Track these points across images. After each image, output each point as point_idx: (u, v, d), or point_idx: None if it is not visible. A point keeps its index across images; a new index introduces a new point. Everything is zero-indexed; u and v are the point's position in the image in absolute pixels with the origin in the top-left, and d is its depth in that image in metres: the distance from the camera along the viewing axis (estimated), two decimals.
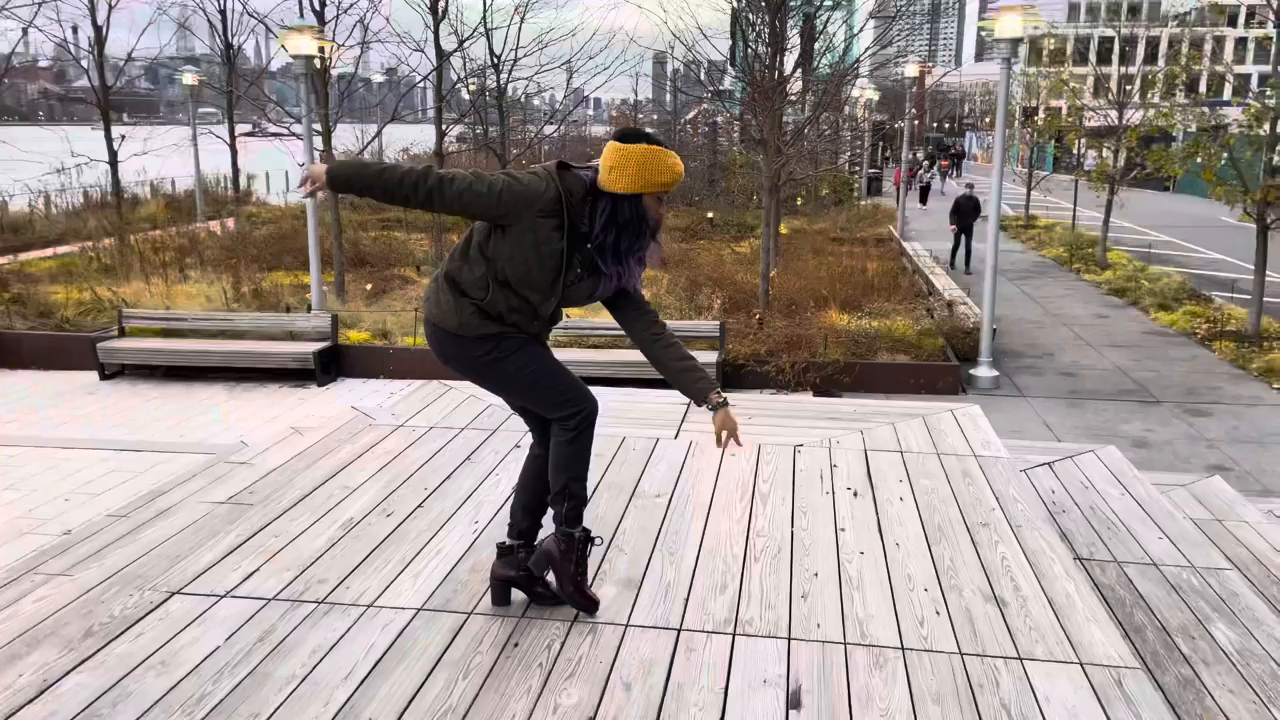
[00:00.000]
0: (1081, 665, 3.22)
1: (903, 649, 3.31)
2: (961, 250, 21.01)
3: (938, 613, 3.54)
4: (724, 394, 3.32)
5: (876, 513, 4.46)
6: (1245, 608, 4.54)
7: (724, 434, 3.25)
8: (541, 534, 3.60)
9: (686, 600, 3.62)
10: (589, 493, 3.48)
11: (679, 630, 3.42)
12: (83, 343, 12.37)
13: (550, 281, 3.19)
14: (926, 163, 38.80)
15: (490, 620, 3.47)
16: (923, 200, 35.91)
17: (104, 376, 12.14)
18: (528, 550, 3.56)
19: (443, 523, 4.29)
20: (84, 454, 9.44)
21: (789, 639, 3.37)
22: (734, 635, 3.39)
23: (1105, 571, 4.89)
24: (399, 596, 3.62)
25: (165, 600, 3.57)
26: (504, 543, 3.58)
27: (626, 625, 3.45)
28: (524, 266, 3.15)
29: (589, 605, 3.49)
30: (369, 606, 3.54)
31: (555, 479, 3.37)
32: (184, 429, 10.37)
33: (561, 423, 3.32)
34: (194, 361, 12.18)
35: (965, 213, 20.75)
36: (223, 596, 3.60)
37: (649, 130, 3.23)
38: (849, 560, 3.97)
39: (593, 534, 3.47)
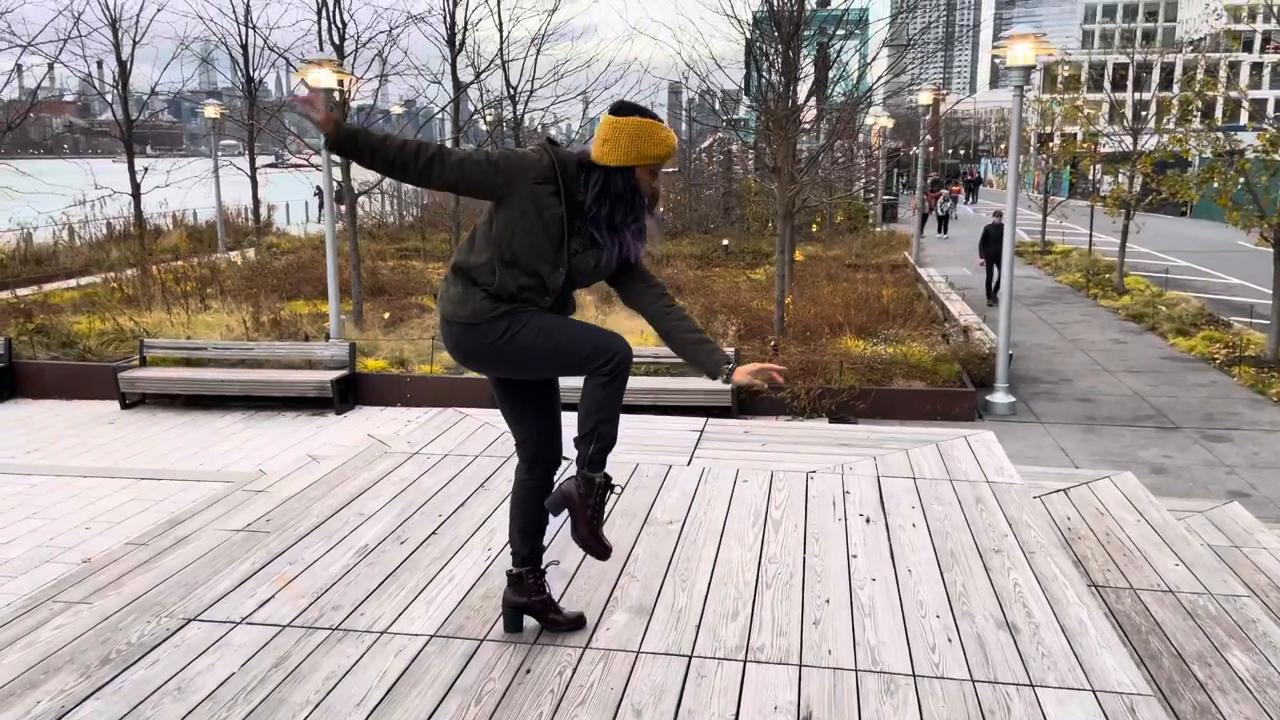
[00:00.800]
0: (1094, 693, 3.21)
1: (914, 675, 3.31)
2: (994, 280, 19.98)
3: (949, 639, 3.54)
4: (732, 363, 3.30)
5: (889, 539, 4.47)
6: (1262, 634, 4.52)
7: (758, 375, 3.25)
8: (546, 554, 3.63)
9: (698, 627, 3.63)
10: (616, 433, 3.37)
11: (690, 657, 3.43)
12: (104, 372, 12.50)
13: (555, 250, 3.18)
14: (945, 191, 38.50)
15: (502, 647, 3.49)
16: (942, 228, 35.42)
17: (125, 406, 12.26)
18: (535, 575, 3.58)
19: (456, 549, 4.33)
20: (104, 483, 9.52)
21: (800, 665, 3.37)
22: (745, 662, 3.40)
23: (1121, 598, 4.88)
24: (412, 623, 3.65)
25: (181, 627, 3.61)
26: (512, 570, 3.60)
27: (638, 652, 3.47)
28: (528, 237, 3.15)
29: (603, 551, 3.40)
30: (383, 633, 3.57)
31: (585, 421, 3.27)
32: (203, 457, 10.45)
33: (597, 371, 3.23)
34: (214, 390, 12.29)
35: (995, 241, 19.47)
36: (238, 623, 3.64)
37: (642, 105, 3.24)
38: (861, 587, 3.97)
39: (614, 481, 3.38)
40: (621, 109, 3.20)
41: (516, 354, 3.24)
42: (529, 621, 3.60)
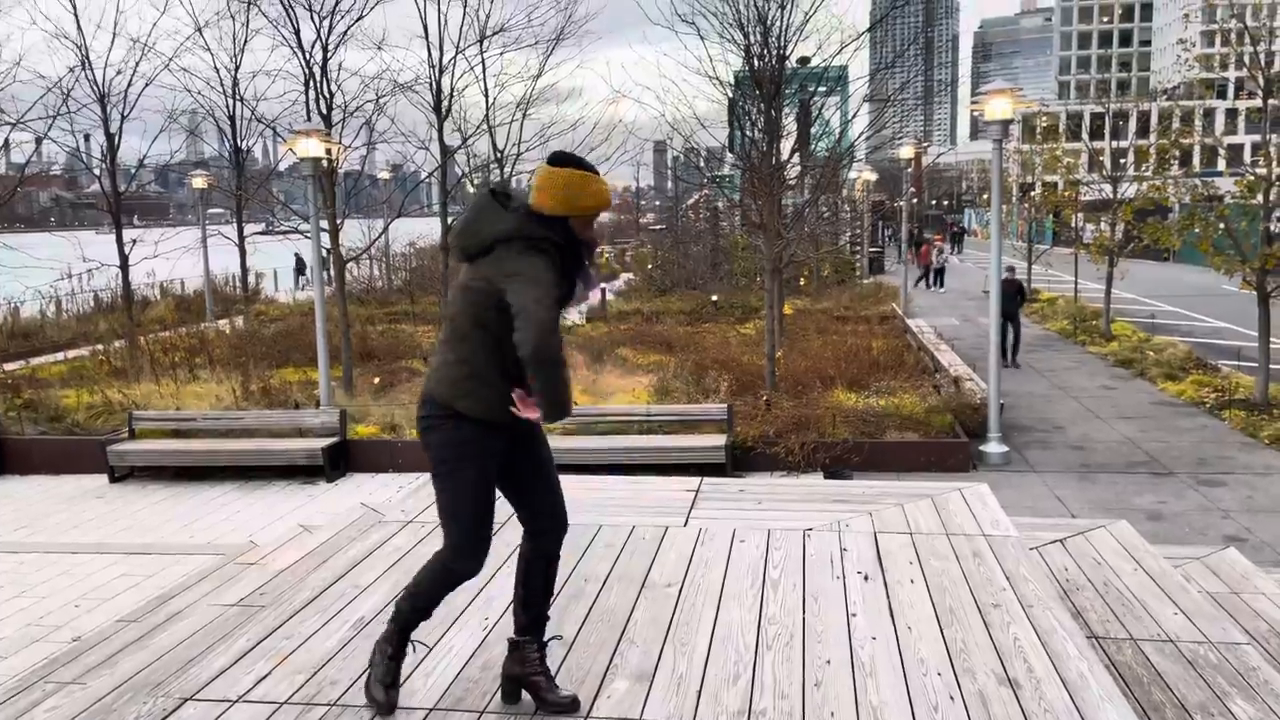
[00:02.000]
0: None
1: None
2: (1010, 340, 18.17)
3: (951, 698, 3.52)
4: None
5: (887, 596, 4.45)
6: (1264, 682, 4.50)
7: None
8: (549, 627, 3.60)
9: (699, 692, 3.60)
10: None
11: None
12: (93, 446, 12.44)
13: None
14: (936, 243, 38.36)
15: (503, 718, 3.45)
16: (939, 283, 34.73)
17: (114, 479, 12.19)
18: (538, 647, 3.54)
19: (453, 619, 4.29)
20: (94, 558, 9.44)
21: None
22: None
23: (1121, 649, 4.86)
24: (412, 696, 3.60)
25: (178, 707, 3.56)
26: (513, 638, 3.59)
27: None
28: None
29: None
30: None
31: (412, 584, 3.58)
32: (193, 530, 10.37)
33: (441, 552, 3.53)
34: (203, 461, 12.23)
35: (1007, 298, 17.36)
36: (235, 701, 3.59)
37: (579, 156, 3.28)
38: (861, 645, 3.95)
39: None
40: (556, 159, 3.24)
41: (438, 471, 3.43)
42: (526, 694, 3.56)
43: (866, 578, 4.65)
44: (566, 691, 3.56)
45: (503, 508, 3.33)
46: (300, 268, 36.82)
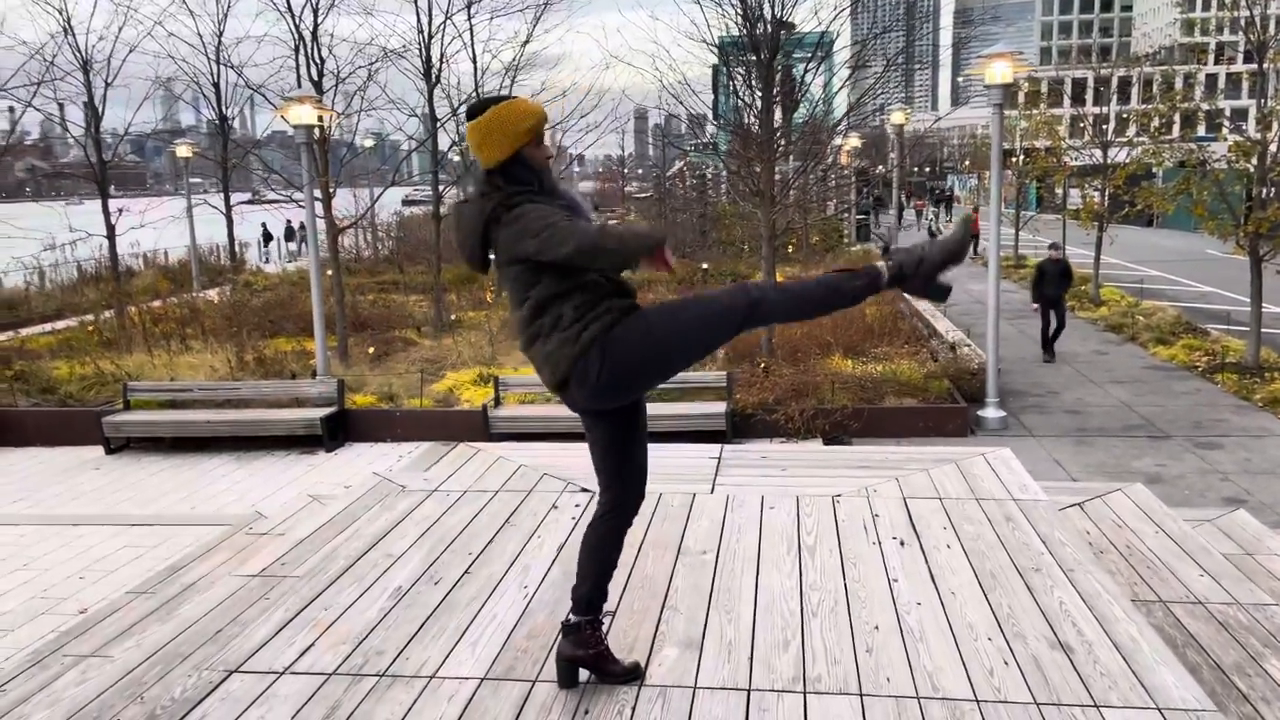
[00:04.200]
0: (1160, 710, 3.19)
1: (977, 701, 3.27)
2: (1051, 328, 15.96)
3: (1005, 662, 3.51)
4: None
5: (926, 562, 4.44)
6: None
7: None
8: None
9: (751, 659, 3.58)
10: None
11: (749, 690, 3.38)
12: (87, 418, 12.29)
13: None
14: (919, 206, 38.20)
15: (556, 688, 3.42)
16: None
17: (110, 450, 12.05)
18: (594, 625, 3.43)
19: (492, 588, 4.25)
20: (95, 530, 9.35)
21: (860, 695, 3.33)
22: (805, 693, 3.35)
23: (1152, 612, 4.87)
24: (460, 666, 3.57)
25: (224, 679, 3.52)
26: (571, 620, 3.43)
27: (694, 687, 3.41)
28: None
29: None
30: (431, 678, 3.49)
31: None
32: (194, 501, 10.28)
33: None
34: (200, 432, 12.11)
35: (1053, 280, 15.84)
36: (282, 673, 3.55)
37: (487, 96, 3.20)
38: (907, 611, 3.94)
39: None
40: (473, 111, 3.14)
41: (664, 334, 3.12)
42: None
43: (902, 543, 4.64)
44: (626, 660, 3.52)
45: (522, 477, 3.25)
46: (268, 238, 36.40)
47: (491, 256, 3.19)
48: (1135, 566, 5.42)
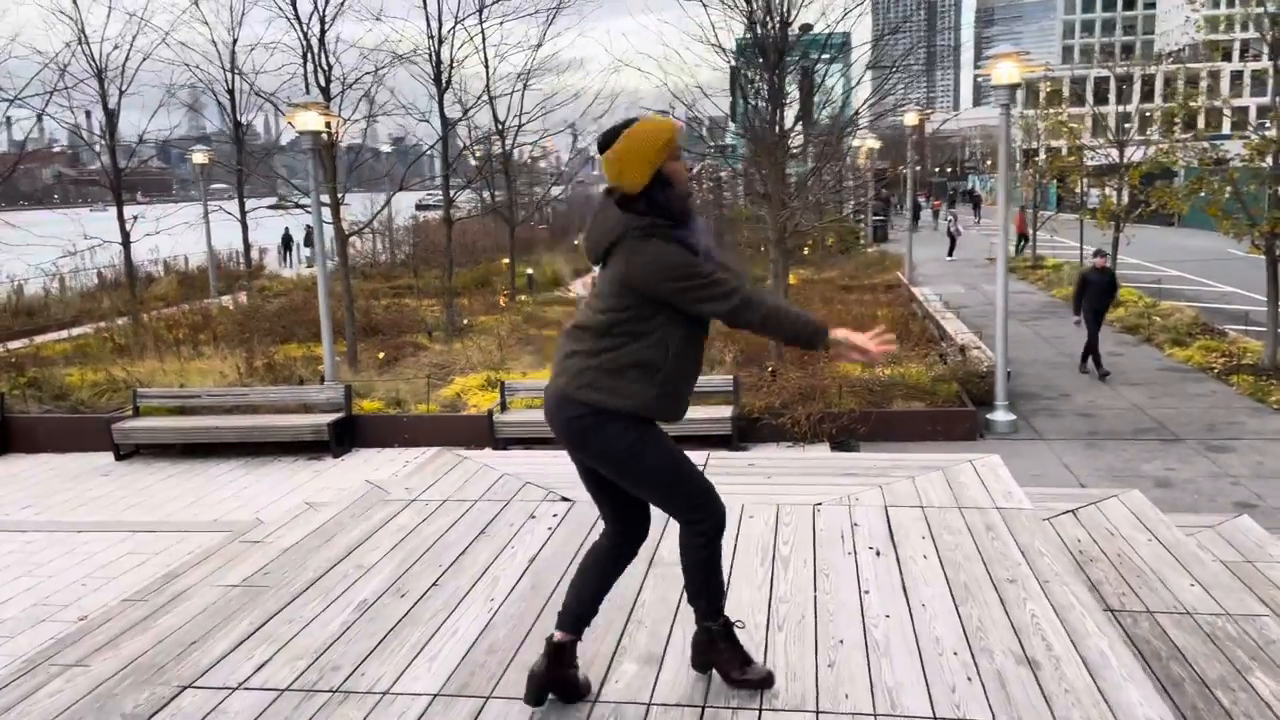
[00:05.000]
0: None
1: (935, 719, 3.21)
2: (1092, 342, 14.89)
3: (969, 678, 3.44)
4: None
5: (900, 572, 4.37)
6: None
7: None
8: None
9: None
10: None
11: (703, 708, 3.33)
12: (97, 424, 12.39)
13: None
14: (936, 206, 37.77)
15: (509, 704, 3.38)
16: (950, 251, 33.93)
17: (119, 457, 12.14)
18: (576, 640, 3.40)
19: (458, 601, 4.22)
20: (100, 537, 9.40)
21: (817, 712, 3.27)
22: (760, 710, 3.29)
23: (1138, 623, 4.78)
24: (415, 682, 3.53)
25: (176, 695, 3.50)
26: (556, 639, 3.35)
27: (649, 704, 3.36)
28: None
29: (767, 679, 3.44)
30: (385, 694, 3.46)
31: (695, 579, 3.38)
32: (200, 507, 10.32)
33: (693, 527, 3.35)
34: (209, 438, 12.17)
35: (1099, 292, 14.63)
36: (235, 689, 3.52)
37: (616, 124, 3.19)
38: (874, 625, 3.87)
39: (734, 620, 3.47)
40: (605, 143, 3.13)
41: (630, 467, 3.20)
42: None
43: (879, 553, 4.57)
44: (583, 675, 3.48)
45: (503, 486, 3.22)
46: (288, 243, 36.60)
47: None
48: (1125, 576, 5.32)
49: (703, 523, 3.28)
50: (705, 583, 3.33)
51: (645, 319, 3.10)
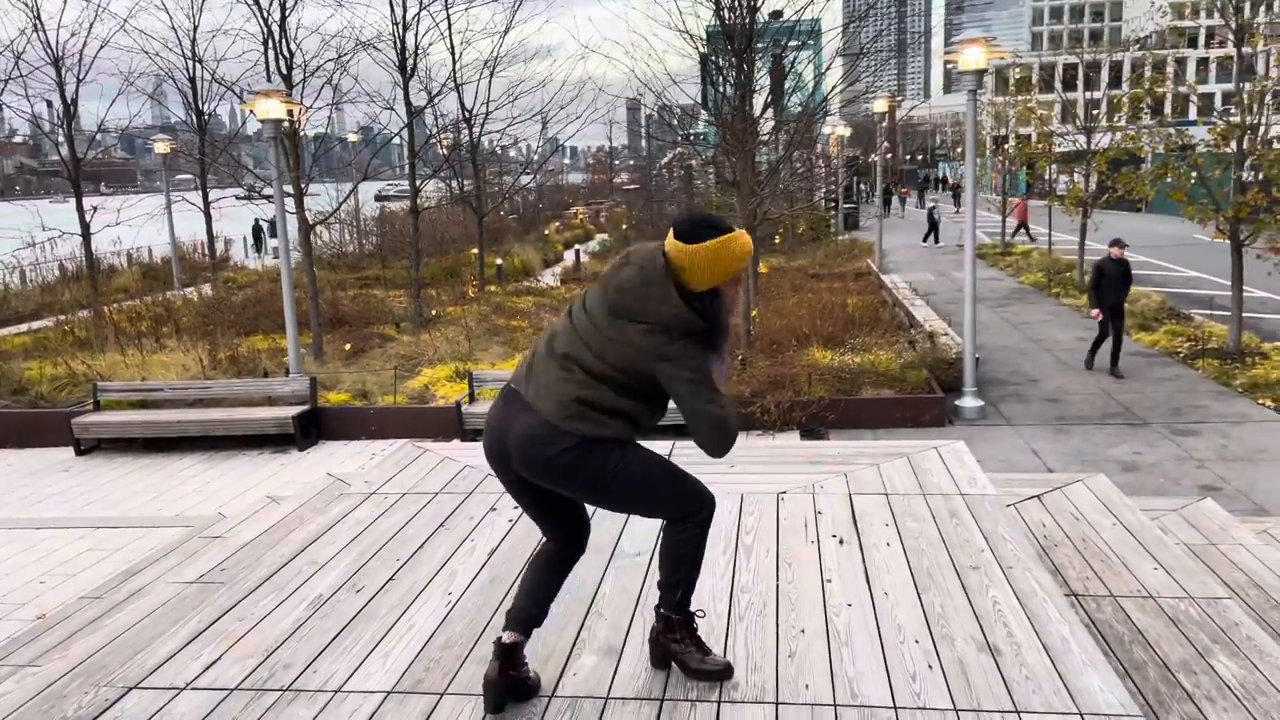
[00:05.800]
0: (1081, 716, 3.08)
1: (895, 708, 3.17)
2: (1109, 340, 13.76)
3: (930, 666, 3.40)
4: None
5: (863, 560, 4.33)
6: (1246, 638, 4.42)
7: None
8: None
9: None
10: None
11: (662, 700, 3.27)
12: (57, 419, 12.17)
13: None
14: (904, 194, 37.80)
15: (464, 700, 3.31)
16: (935, 238, 33.19)
17: (80, 452, 11.94)
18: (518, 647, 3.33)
19: (415, 596, 4.14)
20: (59, 533, 9.24)
21: (776, 703, 3.22)
22: (719, 702, 3.24)
23: (1101, 607, 4.77)
24: (368, 679, 3.46)
25: (121, 697, 3.40)
26: (506, 640, 3.27)
27: (606, 698, 3.30)
28: None
29: (725, 670, 3.41)
30: (336, 692, 3.38)
31: (674, 570, 3.33)
32: (162, 502, 10.17)
33: (686, 521, 3.33)
34: (171, 432, 11.99)
35: (1112, 284, 13.49)
36: (182, 689, 3.43)
37: (705, 216, 3.14)
38: (836, 614, 3.83)
39: (695, 610, 3.44)
40: (687, 234, 3.05)
41: (618, 485, 3.18)
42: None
43: (842, 541, 4.54)
44: (534, 671, 3.42)
45: (464, 479, 3.14)
46: (258, 233, 36.19)
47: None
48: (1089, 560, 5.32)
49: (699, 512, 3.30)
50: (687, 575, 3.32)
51: (643, 384, 3.14)
